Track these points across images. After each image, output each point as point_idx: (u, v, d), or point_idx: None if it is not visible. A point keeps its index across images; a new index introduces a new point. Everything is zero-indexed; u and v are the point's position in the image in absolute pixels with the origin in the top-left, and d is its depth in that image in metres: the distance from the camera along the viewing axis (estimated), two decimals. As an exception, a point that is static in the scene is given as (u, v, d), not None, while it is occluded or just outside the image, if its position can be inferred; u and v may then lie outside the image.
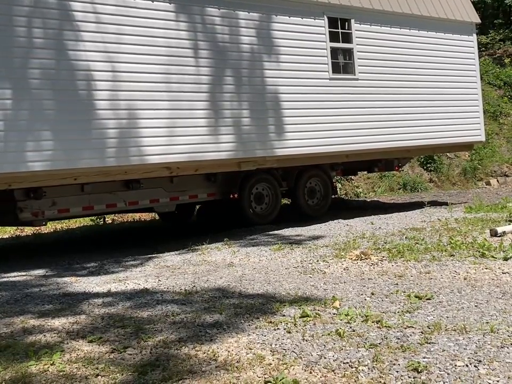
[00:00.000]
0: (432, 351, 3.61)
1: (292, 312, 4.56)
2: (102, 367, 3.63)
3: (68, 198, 8.26)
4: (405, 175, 16.88)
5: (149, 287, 5.78)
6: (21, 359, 3.81)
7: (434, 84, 12.04)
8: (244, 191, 10.01)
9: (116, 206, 8.78)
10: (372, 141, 11.08)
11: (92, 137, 7.92)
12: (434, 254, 6.46)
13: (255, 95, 9.64)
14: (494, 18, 24.74)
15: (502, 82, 20.68)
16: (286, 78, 9.99)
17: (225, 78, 9.29)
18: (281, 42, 9.95)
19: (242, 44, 9.53)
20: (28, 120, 7.43)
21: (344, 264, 6.33)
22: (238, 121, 9.39)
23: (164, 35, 8.59)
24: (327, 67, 10.56)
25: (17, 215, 7.86)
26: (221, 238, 8.54)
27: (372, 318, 4.27)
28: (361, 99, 10.96)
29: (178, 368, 3.56)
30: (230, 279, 5.97)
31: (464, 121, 12.67)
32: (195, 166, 9.03)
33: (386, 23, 11.46)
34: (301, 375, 3.41)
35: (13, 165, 7.30)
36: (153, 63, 8.48)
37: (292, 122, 10.00)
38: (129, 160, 8.22)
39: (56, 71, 7.68)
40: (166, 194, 9.21)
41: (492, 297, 4.76)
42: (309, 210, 11.03)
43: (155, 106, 8.49)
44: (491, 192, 15.67)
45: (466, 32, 12.88)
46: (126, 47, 8.23)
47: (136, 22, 8.34)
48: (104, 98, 8.05)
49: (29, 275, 6.97)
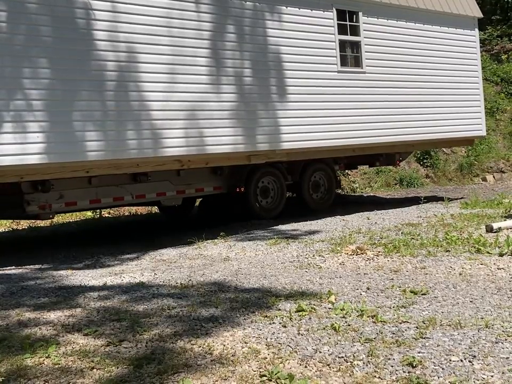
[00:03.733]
0: (427, 346, 3.62)
1: (287, 306, 4.57)
2: (98, 360, 3.63)
3: (75, 191, 8.14)
4: (401, 171, 16.89)
5: (145, 281, 5.78)
6: (16, 352, 3.81)
7: (437, 78, 12.12)
8: (250, 185, 10.00)
9: (123, 199, 8.70)
10: (378, 134, 11.14)
11: (106, 129, 7.84)
12: (430, 249, 6.47)
13: (265, 87, 9.62)
14: (491, 14, 24.71)
15: (499, 79, 20.68)
16: (296, 71, 9.99)
17: (235, 70, 9.26)
18: (290, 34, 9.93)
19: (254, 35, 9.50)
20: (42, 111, 7.32)
21: (340, 259, 6.34)
22: (249, 114, 9.38)
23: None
24: (335, 60, 10.58)
25: (25, 208, 7.72)
26: (217, 232, 8.54)
27: (367, 312, 4.28)
28: (368, 92, 11.00)
29: (174, 362, 3.56)
30: (226, 273, 5.97)
31: (466, 115, 12.77)
32: (206, 159, 9.01)
33: (393, 17, 11.51)
34: (296, 369, 3.42)
35: (26, 157, 7.18)
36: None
37: (301, 116, 10.01)
38: (142, 152, 8.15)
39: (71, 60, 7.59)
40: (172, 188, 9.17)
41: (487, 293, 4.77)
42: (313, 204, 11.06)
43: (170, 98, 8.44)
44: (487, 188, 15.70)
45: (468, 26, 12.96)
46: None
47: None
48: (118, 89, 7.97)
49: (25, 268, 6.97)
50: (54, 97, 7.43)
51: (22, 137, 7.14)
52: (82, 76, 7.69)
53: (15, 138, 7.08)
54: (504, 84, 20.65)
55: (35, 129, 7.24)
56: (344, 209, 10.88)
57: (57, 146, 7.43)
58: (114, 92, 7.96)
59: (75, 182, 8.09)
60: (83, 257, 7.56)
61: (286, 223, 9.52)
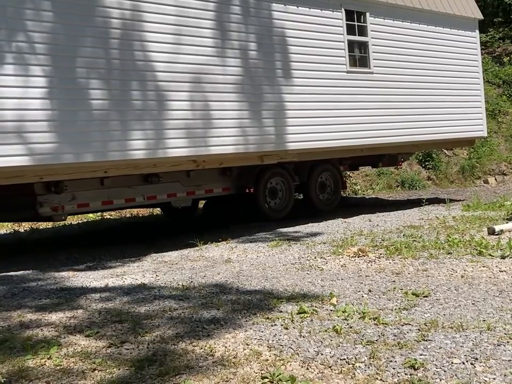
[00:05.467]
0: (429, 348, 3.62)
1: (289, 308, 4.57)
2: (99, 362, 3.63)
3: (87, 192, 8.03)
4: (403, 173, 16.88)
5: (147, 282, 5.78)
6: (18, 353, 3.81)
7: (440, 78, 12.17)
8: (259, 186, 9.99)
9: (134, 201, 8.63)
10: (386, 135, 11.19)
11: (125, 129, 7.80)
12: (431, 251, 6.47)
13: (275, 87, 9.63)
14: (493, 16, 24.72)
15: (501, 81, 20.68)
16: (309, 71, 10.02)
17: (248, 70, 9.27)
18: (301, 34, 9.95)
19: (265, 34, 9.52)
20: (62, 111, 7.26)
21: (341, 261, 6.34)
22: (261, 115, 9.40)
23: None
24: (344, 60, 10.63)
25: (37, 210, 7.57)
26: (218, 234, 8.54)
27: (369, 314, 4.28)
28: (376, 93, 11.05)
29: (175, 364, 3.56)
30: (228, 275, 5.97)
31: (468, 116, 12.85)
32: (220, 159, 9.01)
33: (398, 17, 11.58)
34: (297, 371, 3.41)
35: (47, 157, 7.09)
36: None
37: (312, 115, 10.03)
38: (160, 152, 8.12)
39: (93, 59, 7.55)
40: (183, 189, 9.14)
41: (489, 295, 4.77)
42: (320, 205, 11.07)
43: (189, 98, 8.46)
44: (489, 190, 15.69)
45: (469, 28, 13.03)
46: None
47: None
48: (136, 88, 7.96)
49: (26, 269, 6.96)
50: (78, 98, 7.41)
51: (46, 137, 7.09)
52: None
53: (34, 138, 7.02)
54: (506, 86, 20.64)
55: (51, 129, 7.16)
56: (346, 211, 10.88)
57: (78, 146, 7.35)
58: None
59: (88, 183, 7.98)
60: (85, 259, 7.56)
61: (288, 225, 9.52)
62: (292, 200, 10.53)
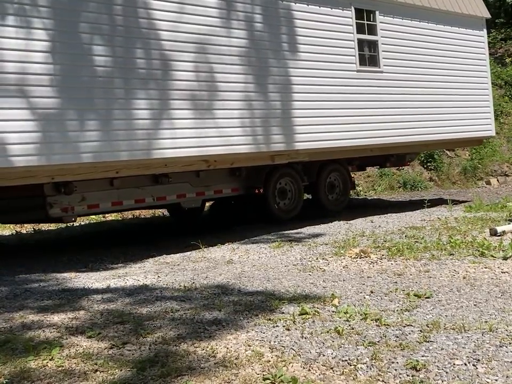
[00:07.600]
0: (431, 350, 3.61)
1: (291, 309, 4.57)
2: (101, 363, 3.63)
3: (97, 193, 7.97)
4: (405, 174, 16.88)
5: (148, 283, 5.78)
6: (20, 354, 3.82)
7: (450, 77, 12.16)
8: (268, 186, 9.95)
9: (144, 201, 8.58)
10: (396, 134, 11.16)
11: (138, 128, 7.76)
12: (433, 252, 6.46)
13: (286, 86, 9.61)
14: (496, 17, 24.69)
15: (503, 82, 20.66)
16: (319, 70, 10.00)
17: (256, 68, 9.26)
18: (311, 33, 9.94)
19: (274, 32, 9.51)
20: (75, 111, 7.20)
21: (343, 262, 6.33)
22: (272, 114, 9.38)
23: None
24: (354, 59, 10.62)
25: (47, 211, 7.49)
26: (221, 235, 8.54)
27: (370, 316, 4.28)
28: (385, 92, 11.02)
29: (177, 365, 3.56)
30: (229, 276, 5.97)
31: (477, 115, 12.82)
32: (231, 159, 8.98)
33: (407, 16, 11.56)
34: (299, 372, 3.41)
35: (59, 156, 7.02)
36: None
37: (322, 115, 10.01)
38: (172, 152, 8.08)
39: (105, 58, 7.53)
40: (192, 190, 9.09)
41: (491, 296, 4.76)
42: (329, 205, 11.04)
43: (200, 97, 8.46)
44: (491, 191, 15.67)
45: (477, 26, 13.02)
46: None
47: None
48: (150, 87, 7.94)
49: (29, 270, 6.97)
50: (90, 97, 7.39)
51: (50, 137, 7.03)
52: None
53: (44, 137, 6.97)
54: (508, 87, 20.62)
55: (64, 128, 7.12)
56: (348, 212, 10.86)
57: (90, 145, 7.30)
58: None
59: (97, 184, 7.91)
60: (87, 260, 7.56)
61: (290, 226, 9.51)
62: (301, 200, 10.48)
